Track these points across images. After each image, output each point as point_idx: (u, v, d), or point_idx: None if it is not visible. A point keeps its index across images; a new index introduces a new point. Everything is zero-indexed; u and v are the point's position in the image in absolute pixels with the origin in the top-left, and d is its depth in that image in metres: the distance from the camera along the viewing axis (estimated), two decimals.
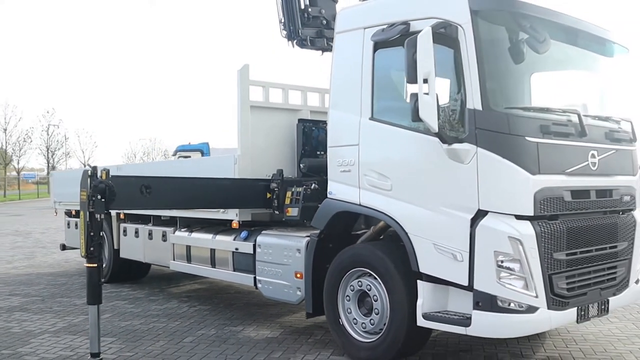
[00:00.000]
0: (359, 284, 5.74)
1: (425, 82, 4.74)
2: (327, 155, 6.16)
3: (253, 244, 7.01)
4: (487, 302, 4.82)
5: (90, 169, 5.62)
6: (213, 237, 7.79)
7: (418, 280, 5.23)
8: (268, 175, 7.11)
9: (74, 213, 11.42)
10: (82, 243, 5.57)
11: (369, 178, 5.63)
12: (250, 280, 7.08)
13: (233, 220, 7.38)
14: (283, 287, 6.57)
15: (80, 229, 5.65)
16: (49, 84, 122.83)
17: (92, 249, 5.49)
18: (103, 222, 5.62)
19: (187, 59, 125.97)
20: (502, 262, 4.79)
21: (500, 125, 4.85)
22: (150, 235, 9.13)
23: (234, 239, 7.37)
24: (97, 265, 5.55)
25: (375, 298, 5.58)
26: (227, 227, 7.65)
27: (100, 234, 5.56)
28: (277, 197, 6.92)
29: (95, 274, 5.56)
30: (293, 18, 7.85)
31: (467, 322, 4.94)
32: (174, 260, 8.49)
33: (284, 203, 6.85)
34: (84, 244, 5.50)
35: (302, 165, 7.20)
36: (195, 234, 8.17)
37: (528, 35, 5.08)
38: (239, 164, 7.23)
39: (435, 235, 5.11)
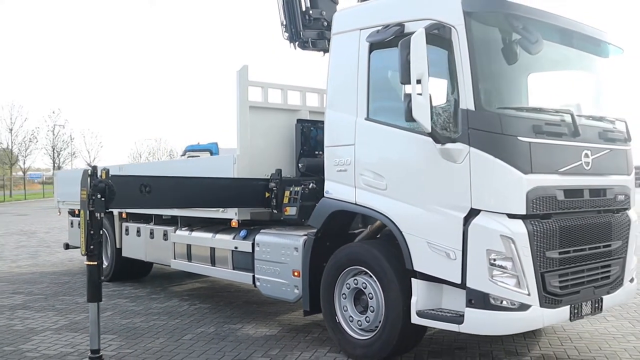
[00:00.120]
0: (355, 282, 5.80)
1: (419, 82, 4.80)
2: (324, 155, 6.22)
3: (252, 243, 7.08)
4: (479, 299, 4.87)
5: (90, 169, 5.71)
6: (213, 236, 7.87)
7: (412, 279, 5.29)
8: (267, 175, 7.19)
9: (77, 212, 11.49)
10: (82, 241, 5.66)
11: (365, 177, 5.70)
12: (249, 279, 7.16)
13: (232, 219, 7.46)
14: (281, 285, 6.64)
15: (81, 228, 5.74)
16: (55, 85, 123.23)
17: (92, 247, 5.58)
18: (103, 220, 5.71)
19: (189, 59, 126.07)
20: (494, 260, 4.84)
21: (493, 125, 4.90)
22: (152, 235, 9.20)
23: (233, 238, 7.44)
24: (97, 264, 5.63)
25: (371, 296, 5.64)
26: (227, 226, 7.72)
27: (100, 233, 5.64)
28: (275, 196, 7.00)
29: (95, 272, 5.64)
30: (294, 20, 7.90)
31: (460, 319, 5.00)
32: (175, 259, 8.58)
33: (283, 202, 6.93)
34: (84, 243, 5.59)
35: (300, 165, 7.27)
36: (196, 233, 8.25)
37: (521, 37, 5.11)
38: (238, 164, 7.31)
39: (429, 234, 5.16)
